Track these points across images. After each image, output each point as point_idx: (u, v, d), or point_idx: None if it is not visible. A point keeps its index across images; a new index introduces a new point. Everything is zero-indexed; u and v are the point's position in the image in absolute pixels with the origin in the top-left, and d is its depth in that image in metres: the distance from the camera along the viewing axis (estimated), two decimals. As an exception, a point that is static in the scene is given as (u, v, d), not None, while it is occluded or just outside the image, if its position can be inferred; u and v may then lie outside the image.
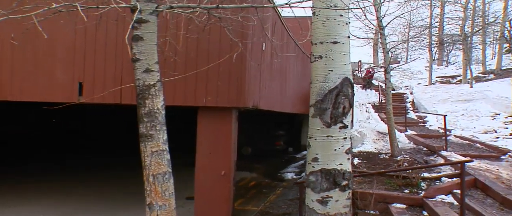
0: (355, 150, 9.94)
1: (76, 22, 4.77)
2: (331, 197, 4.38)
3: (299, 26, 6.06)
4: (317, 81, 4.47)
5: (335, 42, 4.36)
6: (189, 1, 3.60)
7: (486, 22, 19.51)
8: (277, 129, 16.11)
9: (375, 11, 8.45)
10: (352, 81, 4.52)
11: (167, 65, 4.95)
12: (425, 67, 27.02)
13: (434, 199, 5.57)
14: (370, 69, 24.60)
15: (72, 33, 5.06)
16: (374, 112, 16.55)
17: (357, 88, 23.88)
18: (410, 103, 18.03)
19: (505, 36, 12.87)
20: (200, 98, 5.07)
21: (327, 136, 4.39)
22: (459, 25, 20.77)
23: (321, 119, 4.40)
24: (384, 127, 12.17)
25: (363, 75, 26.30)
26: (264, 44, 5.80)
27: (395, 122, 13.64)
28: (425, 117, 14.35)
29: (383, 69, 9.22)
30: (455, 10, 23.56)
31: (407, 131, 11.65)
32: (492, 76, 23.39)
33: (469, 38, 22.01)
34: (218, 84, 5.03)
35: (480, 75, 24.77)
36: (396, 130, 11.95)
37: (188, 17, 3.46)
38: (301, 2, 3.32)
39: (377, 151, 9.60)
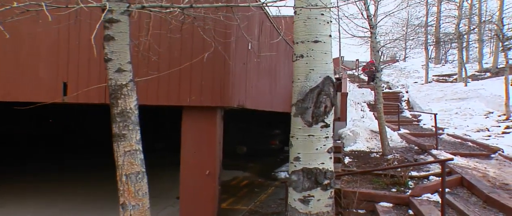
0: (347, 149, 9.94)
1: (60, 21, 4.77)
2: (313, 196, 4.39)
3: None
4: (298, 80, 4.49)
5: (316, 41, 4.37)
6: (167, 0, 3.59)
7: (481, 21, 19.50)
8: (272, 128, 16.14)
9: (365, 10, 8.45)
10: (334, 80, 4.53)
11: (150, 64, 4.95)
12: (422, 65, 27.02)
13: (420, 198, 5.58)
14: (373, 60, 22.43)
15: (56, 33, 5.05)
16: (369, 111, 16.56)
17: (353, 87, 23.91)
18: (406, 102, 18.06)
19: (498, 35, 12.87)
20: (184, 98, 5.07)
21: (309, 135, 4.40)
22: (454, 24, 20.75)
23: (302, 118, 4.41)
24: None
25: (363, 67, 24.69)
26: (250, 43, 5.79)
27: (389, 121, 13.70)
28: (420, 115, 14.36)
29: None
30: (449, 9, 23.56)
31: (400, 130, 11.65)
32: (488, 74, 23.39)
33: (465, 36, 22.01)
34: (201, 83, 5.03)
35: (477, 73, 24.78)
36: (389, 129, 12.01)
37: (163, 17, 3.46)
38: (275, 1, 3.30)
39: (369, 150, 9.61)
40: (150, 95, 5.12)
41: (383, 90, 24.06)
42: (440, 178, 6.55)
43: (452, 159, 4.82)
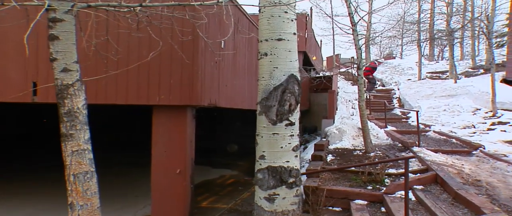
0: (332, 146, 9.93)
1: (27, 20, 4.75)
2: (278, 194, 4.40)
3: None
4: (262, 79, 4.49)
5: (280, 39, 4.37)
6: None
7: (471, 18, 19.47)
8: None
9: (347, 7, 8.42)
10: (299, 78, 4.53)
11: (119, 62, 4.94)
12: (416, 62, 26.99)
13: (393, 195, 5.57)
14: (374, 62, 19.54)
15: (24, 32, 5.02)
16: (360, 108, 16.54)
17: (347, 84, 23.91)
18: (397, 99, 18.05)
19: (484, 32, 12.85)
20: (153, 97, 5.07)
21: (273, 133, 4.41)
22: (445, 20, 20.74)
23: (266, 116, 4.41)
24: (368, 124, 12.17)
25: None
26: (223, 42, 5.78)
27: (377, 118, 13.69)
28: (409, 113, 14.35)
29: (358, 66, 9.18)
30: (440, 6, 23.55)
31: (387, 127, 11.65)
32: (481, 71, 23.39)
33: (460, 33, 21.97)
34: (170, 82, 5.03)
35: (470, 70, 24.79)
36: (376, 126, 12.00)
37: (109, 18, 3.45)
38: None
39: (353, 148, 9.59)
40: (120, 95, 5.12)
41: (376, 87, 24.24)
42: (418, 175, 6.59)
43: (413, 157, 4.82)
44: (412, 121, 13.37)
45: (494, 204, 4.47)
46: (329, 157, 8.73)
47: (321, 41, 30.07)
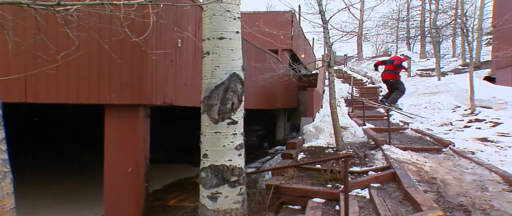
0: (307, 145, 9.92)
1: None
2: (221, 193, 4.40)
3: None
4: (205, 77, 4.47)
5: (221, 38, 4.35)
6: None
7: (460, 14, 19.45)
8: (252, 125, 16.11)
9: (318, 5, 8.40)
10: (242, 77, 4.51)
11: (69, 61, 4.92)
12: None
13: (349, 193, 5.56)
14: (400, 56, 11.62)
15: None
16: (345, 106, 16.55)
17: (337, 82, 23.90)
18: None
19: (463, 29, 12.83)
20: (103, 96, 5.05)
21: (215, 132, 4.40)
22: (428, 18, 20.72)
23: (208, 115, 4.41)
24: (347, 122, 12.19)
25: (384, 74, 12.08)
26: (179, 40, 5.76)
27: (358, 116, 13.70)
28: (390, 110, 14.35)
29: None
30: (429, 3, 23.52)
31: (365, 125, 11.65)
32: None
33: (445, 30, 21.96)
34: (120, 82, 5.01)
35: (460, 67, 24.80)
36: (355, 124, 12.01)
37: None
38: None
39: (327, 146, 9.59)
40: (71, 94, 5.11)
41: (365, 85, 24.23)
42: (379, 172, 6.58)
43: (351, 156, 4.81)
44: (393, 119, 13.37)
45: (439, 201, 4.46)
46: (301, 155, 8.72)
47: (313, 39, 30.00)
